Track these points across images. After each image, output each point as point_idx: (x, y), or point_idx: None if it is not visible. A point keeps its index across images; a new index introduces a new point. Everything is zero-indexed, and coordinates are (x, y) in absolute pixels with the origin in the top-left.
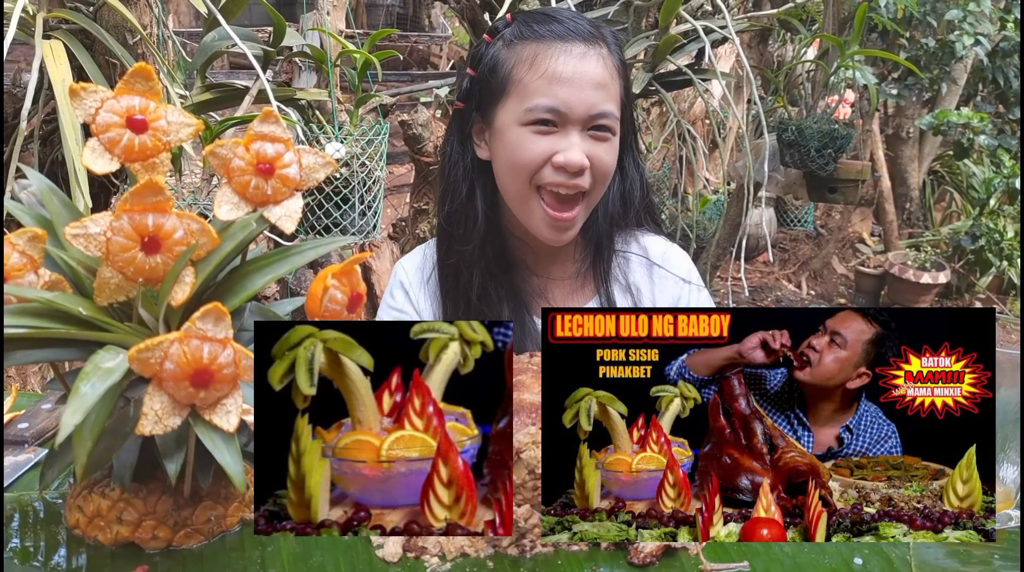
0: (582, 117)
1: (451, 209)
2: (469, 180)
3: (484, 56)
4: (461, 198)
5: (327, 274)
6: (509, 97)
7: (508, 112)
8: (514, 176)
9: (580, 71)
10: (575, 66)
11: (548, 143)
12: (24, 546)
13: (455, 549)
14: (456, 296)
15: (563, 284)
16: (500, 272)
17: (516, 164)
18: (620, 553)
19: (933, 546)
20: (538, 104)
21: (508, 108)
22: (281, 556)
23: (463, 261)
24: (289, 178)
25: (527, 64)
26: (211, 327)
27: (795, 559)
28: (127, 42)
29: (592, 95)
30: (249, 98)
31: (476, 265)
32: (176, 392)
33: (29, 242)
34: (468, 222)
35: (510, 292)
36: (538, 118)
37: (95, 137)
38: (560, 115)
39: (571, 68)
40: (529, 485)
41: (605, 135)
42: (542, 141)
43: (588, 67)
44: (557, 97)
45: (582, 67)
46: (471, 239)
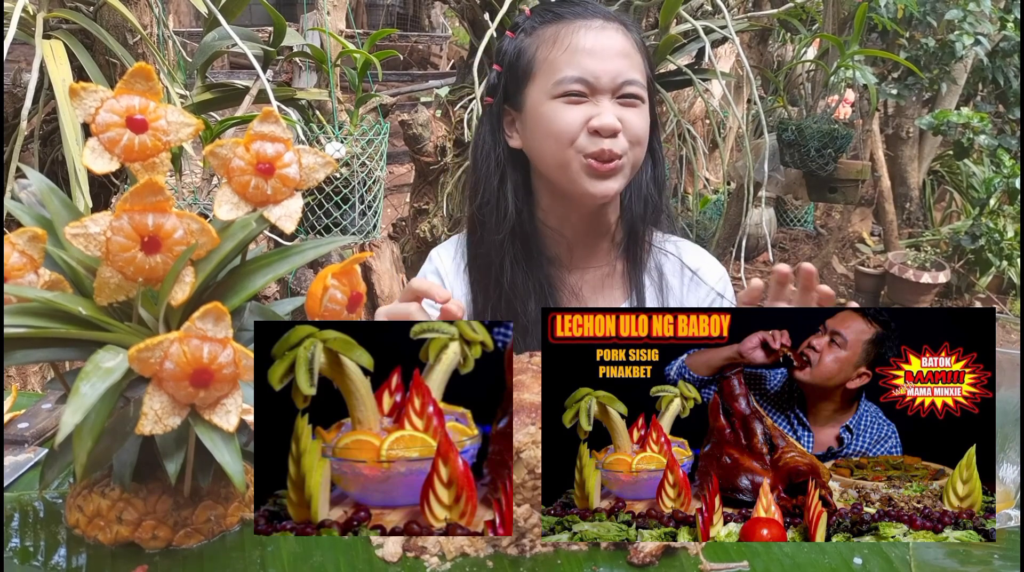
0: (610, 85)
1: (483, 200)
2: (501, 170)
3: (507, 49)
4: (492, 188)
5: (327, 274)
6: (537, 77)
7: (537, 90)
8: (554, 145)
9: (602, 42)
10: (597, 38)
11: (582, 111)
12: (24, 546)
13: (455, 549)
14: (486, 287)
15: (596, 280)
16: (530, 265)
17: (554, 133)
18: (620, 553)
19: (933, 546)
20: (567, 75)
21: (537, 87)
22: (281, 556)
23: (494, 251)
24: (289, 178)
25: (550, 43)
26: (211, 327)
27: (795, 559)
28: (127, 42)
29: (617, 63)
30: (249, 98)
31: (506, 256)
32: (176, 392)
33: (29, 242)
34: (499, 211)
35: (539, 286)
36: (568, 90)
37: (95, 137)
38: (588, 85)
39: (593, 40)
40: (529, 485)
41: (634, 102)
42: (576, 110)
43: (610, 38)
44: (584, 67)
45: (604, 38)
46: (502, 229)
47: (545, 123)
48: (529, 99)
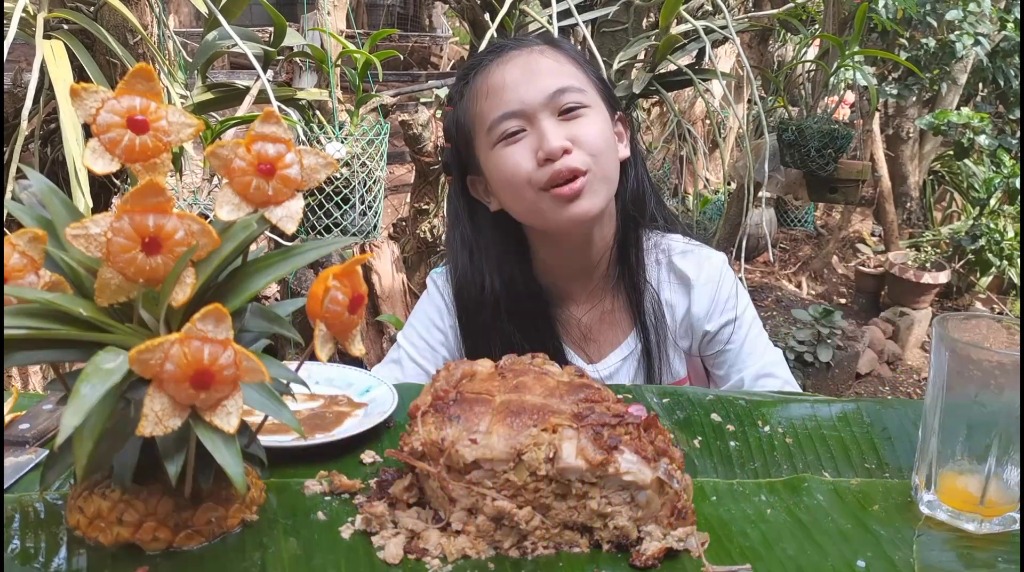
0: (540, 103)
1: (459, 283)
2: (468, 247)
3: (447, 124)
4: (465, 268)
5: (328, 275)
6: (476, 134)
7: (482, 147)
8: (514, 194)
9: (518, 70)
10: (512, 68)
11: (525, 147)
12: (25, 547)
13: (456, 551)
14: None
15: (603, 317)
16: (529, 330)
17: (508, 182)
18: (622, 556)
19: (936, 548)
20: (495, 118)
21: (480, 144)
22: (282, 558)
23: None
24: (290, 179)
25: (473, 97)
26: (212, 328)
27: (797, 561)
28: (128, 42)
29: (540, 81)
30: (250, 98)
31: (494, 330)
32: (177, 393)
33: (29, 243)
34: (475, 288)
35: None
36: (502, 131)
37: (96, 137)
38: (519, 115)
39: (508, 72)
40: (531, 487)
41: (577, 112)
42: (518, 149)
43: (525, 63)
44: (507, 101)
45: (518, 66)
46: (484, 306)
47: (496, 175)
48: (480, 159)
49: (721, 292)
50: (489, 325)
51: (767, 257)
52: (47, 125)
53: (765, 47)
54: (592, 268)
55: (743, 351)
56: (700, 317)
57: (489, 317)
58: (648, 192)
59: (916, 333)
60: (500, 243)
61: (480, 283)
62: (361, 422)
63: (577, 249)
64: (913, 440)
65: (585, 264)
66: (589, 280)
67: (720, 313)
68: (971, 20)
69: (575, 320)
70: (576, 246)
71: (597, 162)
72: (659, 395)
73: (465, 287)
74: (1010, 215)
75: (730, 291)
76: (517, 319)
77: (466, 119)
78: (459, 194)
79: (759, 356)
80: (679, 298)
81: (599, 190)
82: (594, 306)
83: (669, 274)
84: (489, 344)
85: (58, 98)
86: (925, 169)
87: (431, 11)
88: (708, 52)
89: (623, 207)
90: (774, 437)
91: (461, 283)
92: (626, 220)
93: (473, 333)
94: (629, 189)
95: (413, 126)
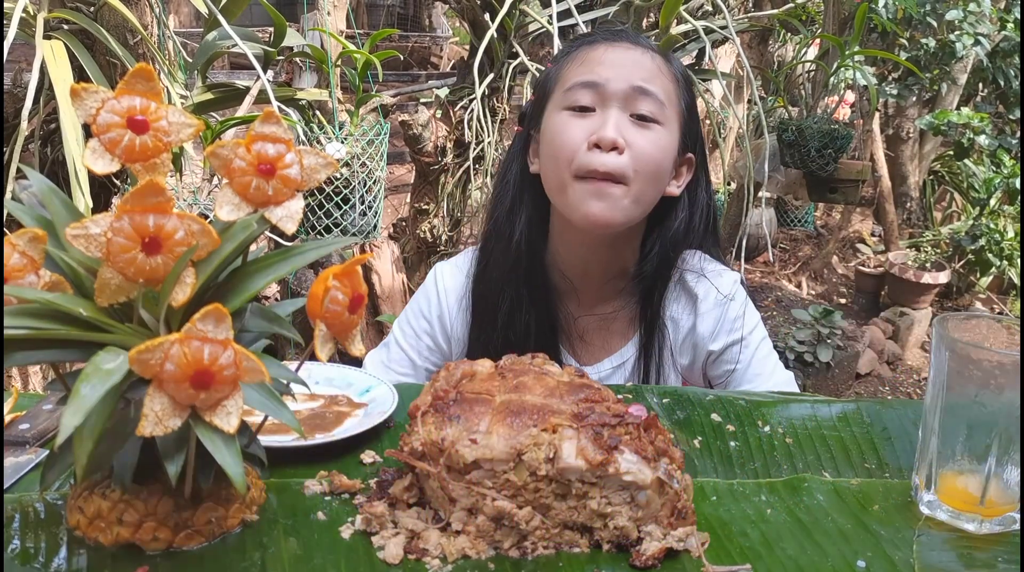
0: (621, 91)
1: (492, 226)
2: (513, 201)
3: (541, 77)
4: (503, 217)
5: (328, 275)
6: (553, 94)
7: (552, 106)
8: (554, 164)
9: (621, 56)
10: (616, 52)
11: (586, 124)
12: (25, 547)
13: (456, 551)
14: (483, 321)
15: (601, 323)
16: (532, 302)
17: (555, 150)
18: (622, 556)
19: (937, 548)
20: (575, 81)
21: (552, 103)
22: (282, 558)
23: (495, 283)
24: (290, 179)
25: (570, 61)
26: (212, 328)
27: (798, 561)
28: (128, 42)
29: (632, 72)
30: (250, 98)
31: (508, 290)
32: (177, 393)
33: (30, 243)
34: (506, 242)
35: (540, 324)
36: (576, 98)
37: (96, 137)
38: (597, 89)
39: (612, 54)
40: (531, 487)
41: (648, 124)
42: (580, 123)
43: (630, 54)
44: (594, 72)
45: (623, 54)
46: (507, 260)
47: (549, 138)
48: (545, 118)
49: (729, 312)
50: (504, 278)
51: (767, 257)
52: (47, 125)
53: (765, 47)
54: (600, 277)
55: (749, 371)
56: (705, 337)
57: (507, 269)
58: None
59: (916, 333)
60: (535, 207)
61: (509, 234)
62: (361, 422)
63: (590, 252)
64: (913, 440)
65: (593, 271)
66: (595, 287)
67: (727, 333)
68: (971, 20)
69: (574, 321)
70: (589, 248)
71: (638, 179)
72: (659, 395)
73: (498, 234)
74: (1010, 215)
75: (738, 311)
76: (527, 289)
77: (553, 76)
78: (521, 143)
79: (767, 377)
80: (685, 315)
81: (626, 206)
82: (594, 312)
83: (678, 290)
84: (496, 311)
85: (58, 98)
86: (925, 169)
87: (431, 11)
88: (708, 52)
89: (661, 246)
90: (774, 437)
91: (491, 230)
92: (663, 259)
93: (486, 293)
94: (671, 230)
95: (413, 126)
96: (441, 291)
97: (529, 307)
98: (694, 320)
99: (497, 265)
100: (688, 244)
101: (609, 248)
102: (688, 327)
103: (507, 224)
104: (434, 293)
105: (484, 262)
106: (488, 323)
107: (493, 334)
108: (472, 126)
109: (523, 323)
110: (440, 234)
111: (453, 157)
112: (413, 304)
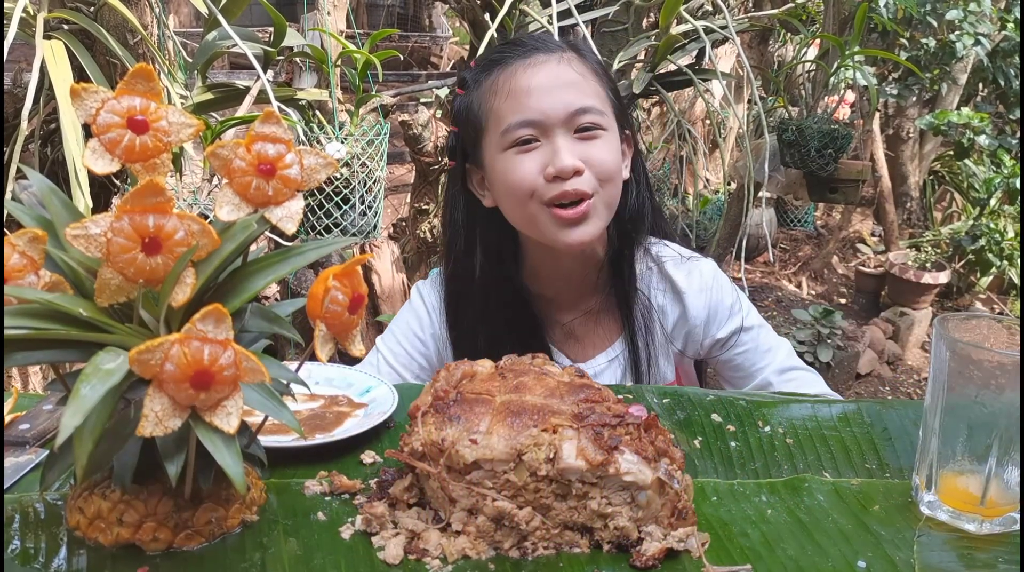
0: (560, 119)
1: (453, 270)
2: (467, 234)
3: (458, 107)
4: (459, 253)
5: (328, 275)
6: (488, 130)
7: (491, 145)
8: (515, 202)
9: (543, 77)
10: (536, 74)
11: (535, 159)
12: (25, 547)
13: (456, 551)
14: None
15: (588, 320)
16: (513, 328)
17: (511, 190)
18: (622, 556)
19: (937, 548)
20: (511, 122)
21: (489, 142)
22: (282, 558)
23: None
24: (290, 179)
25: (493, 92)
26: (212, 328)
27: (798, 562)
28: (128, 42)
29: (564, 95)
30: (250, 98)
31: (483, 328)
32: (176, 393)
33: (29, 243)
34: (471, 280)
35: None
36: (516, 137)
37: (96, 137)
38: (537, 125)
39: (532, 77)
40: (531, 487)
41: (594, 133)
42: (528, 159)
43: (551, 71)
44: (527, 108)
45: (544, 73)
46: (477, 298)
47: (501, 179)
48: (486, 156)
49: (723, 298)
50: (478, 315)
51: (767, 257)
52: (47, 125)
53: (765, 47)
54: (580, 280)
55: (759, 348)
56: (699, 324)
57: (478, 306)
58: (647, 211)
59: (916, 333)
60: (494, 236)
61: (472, 269)
62: (361, 422)
63: (568, 263)
64: (913, 440)
65: (573, 276)
66: (576, 290)
67: (728, 318)
68: (971, 20)
69: (559, 324)
70: (567, 260)
71: (604, 188)
72: (659, 395)
73: (457, 272)
74: (1010, 215)
75: (732, 297)
76: (503, 312)
77: (479, 111)
78: (459, 179)
79: (776, 350)
80: (671, 305)
81: (601, 215)
82: (579, 312)
83: (661, 281)
84: (475, 336)
85: (58, 98)
86: (925, 169)
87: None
88: (708, 52)
89: (620, 225)
90: (774, 437)
91: (454, 268)
92: (622, 237)
93: (461, 322)
94: (629, 208)
95: (413, 126)
96: (431, 309)
97: (508, 332)
98: (682, 307)
99: (469, 305)
100: (644, 220)
101: (581, 256)
102: (677, 314)
103: (467, 265)
104: (424, 313)
105: (454, 305)
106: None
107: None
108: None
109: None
110: (440, 234)
111: None
112: (401, 325)
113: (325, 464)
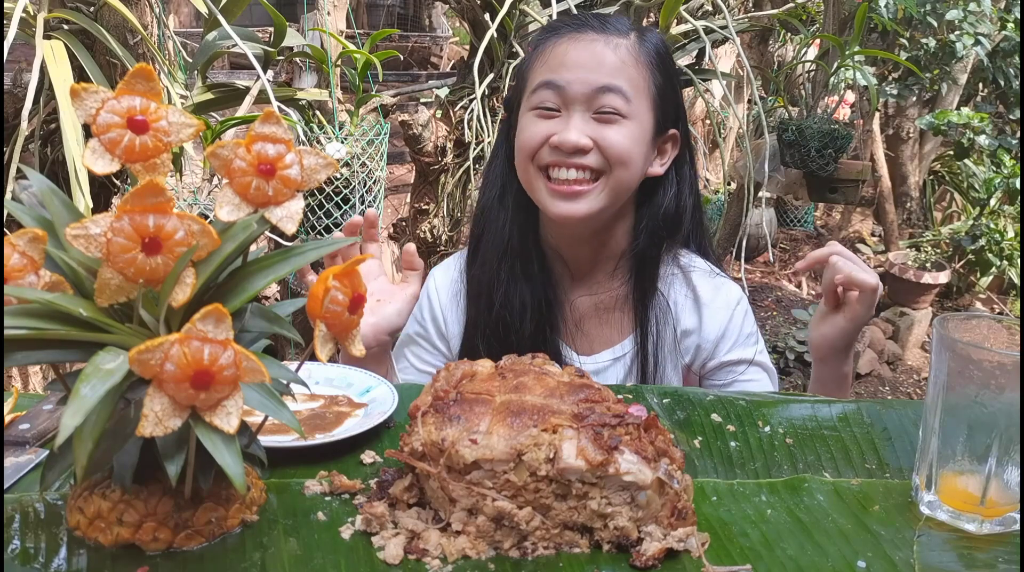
0: (582, 93)
1: (482, 208)
2: (501, 184)
3: (519, 63)
4: (493, 195)
5: (328, 275)
6: (525, 89)
7: (523, 105)
8: (519, 161)
9: (583, 54)
10: (579, 49)
11: (548, 126)
12: (25, 547)
13: (456, 551)
14: (479, 302)
15: (598, 306)
16: (528, 281)
17: (520, 148)
18: (622, 556)
19: (937, 548)
20: (539, 83)
21: (523, 101)
22: (282, 558)
23: (490, 266)
24: (291, 179)
25: (540, 54)
26: (212, 328)
27: (798, 562)
28: (128, 42)
29: (593, 73)
30: (250, 98)
31: (503, 270)
32: (177, 393)
33: (30, 243)
34: (496, 221)
35: (536, 301)
36: (540, 101)
37: (96, 137)
38: (559, 91)
39: (574, 52)
40: (531, 487)
41: (612, 117)
42: (542, 124)
43: (594, 50)
44: (556, 73)
45: (587, 50)
46: (500, 239)
47: (517, 136)
48: (520, 112)
49: (744, 325)
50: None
51: (767, 257)
52: (47, 125)
53: (765, 47)
54: (591, 258)
55: (749, 388)
56: (710, 340)
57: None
58: (685, 217)
59: (916, 333)
60: (523, 190)
61: (503, 222)
62: (361, 422)
63: (574, 235)
64: (913, 440)
65: (583, 250)
66: (587, 267)
67: (742, 344)
68: (971, 20)
69: (569, 302)
70: (573, 232)
71: (614, 170)
72: (659, 395)
73: (486, 217)
74: (1010, 215)
75: (752, 328)
76: (522, 258)
77: (526, 69)
78: (505, 131)
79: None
80: (688, 314)
81: (601, 198)
82: (592, 296)
83: (684, 288)
84: (491, 289)
85: (58, 98)
86: (925, 169)
87: (431, 11)
88: (708, 52)
89: (650, 222)
90: (774, 437)
91: (482, 212)
92: (652, 235)
93: (481, 270)
94: (661, 206)
95: (413, 126)
96: (432, 291)
97: (523, 283)
98: (698, 320)
99: (490, 244)
100: (680, 224)
101: (594, 233)
102: (692, 326)
103: (497, 207)
104: (425, 297)
105: (476, 243)
106: (484, 304)
107: (489, 314)
108: (472, 126)
109: (518, 301)
110: (440, 234)
111: (453, 157)
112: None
113: (325, 464)
